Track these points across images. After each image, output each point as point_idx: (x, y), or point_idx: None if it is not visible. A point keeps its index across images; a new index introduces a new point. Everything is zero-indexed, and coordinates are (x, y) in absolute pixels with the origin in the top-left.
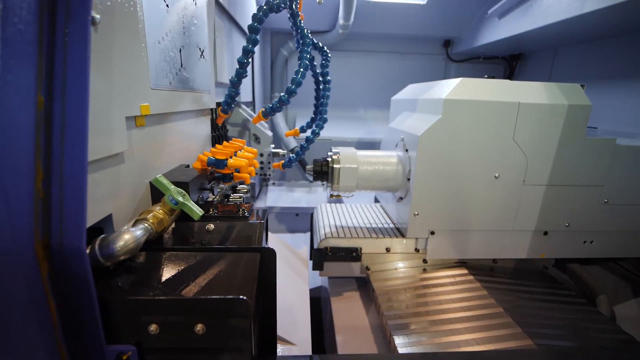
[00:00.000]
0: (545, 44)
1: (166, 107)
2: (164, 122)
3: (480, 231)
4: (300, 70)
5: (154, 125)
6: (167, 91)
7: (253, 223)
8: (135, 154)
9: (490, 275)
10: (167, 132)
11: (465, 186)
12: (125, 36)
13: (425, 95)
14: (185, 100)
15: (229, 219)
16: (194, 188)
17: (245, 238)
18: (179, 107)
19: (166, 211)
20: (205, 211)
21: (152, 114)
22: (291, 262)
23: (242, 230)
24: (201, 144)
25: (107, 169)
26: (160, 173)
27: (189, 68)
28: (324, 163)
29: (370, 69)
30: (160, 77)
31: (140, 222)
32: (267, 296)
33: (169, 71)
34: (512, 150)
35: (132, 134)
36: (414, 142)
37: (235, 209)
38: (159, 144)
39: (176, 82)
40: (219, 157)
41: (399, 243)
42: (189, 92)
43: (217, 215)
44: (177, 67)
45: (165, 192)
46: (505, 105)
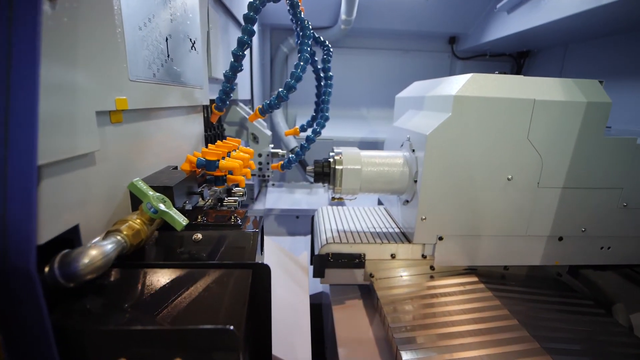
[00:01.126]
0: (555, 39)
1: (150, 102)
2: (148, 119)
3: (492, 237)
4: (300, 64)
5: (135, 122)
6: (150, 84)
7: (246, 232)
8: (110, 155)
9: (501, 283)
10: (152, 129)
11: (476, 189)
12: (94, 18)
13: (433, 92)
14: (173, 95)
15: (220, 228)
16: (180, 192)
17: (237, 250)
18: (166, 102)
19: (144, 221)
20: (193, 218)
21: (132, 109)
22: (290, 270)
23: (234, 240)
24: (193, 143)
25: (72, 173)
26: (143, 175)
27: (177, 60)
28: (325, 164)
29: (372, 67)
30: (141, 68)
31: (112, 234)
32: (261, 318)
33: (152, 62)
34: (526, 151)
35: (106, 132)
36: (421, 142)
37: (228, 216)
38: (141, 143)
39: (162, 74)
40: (209, 157)
41: (405, 249)
42: (177, 86)
43: (207, 223)
44: (163, 58)
45: (143, 199)
46: (519, 102)
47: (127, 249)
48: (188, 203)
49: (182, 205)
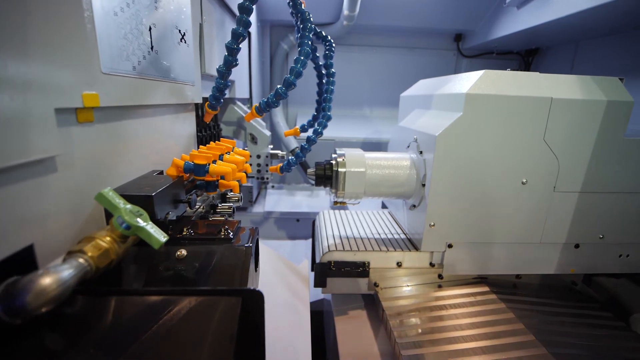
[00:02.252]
0: (566, 36)
1: (130, 98)
2: (129, 117)
3: (504, 244)
4: (301, 59)
5: (112, 122)
6: (130, 78)
7: (238, 248)
8: (77, 160)
9: (513, 293)
10: (133, 130)
11: (488, 193)
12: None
13: (441, 91)
14: (159, 91)
15: (208, 242)
16: (163, 201)
17: (226, 269)
18: (150, 99)
19: (116, 238)
20: (178, 231)
21: (106, 107)
22: (289, 282)
23: (223, 257)
24: (183, 144)
25: (25, 182)
26: (122, 182)
27: (163, 53)
28: (327, 166)
29: (375, 65)
30: (118, 59)
31: (73, 255)
32: (252, 356)
33: (131, 53)
34: (542, 152)
35: (71, 133)
36: (430, 143)
37: (218, 227)
38: (120, 145)
39: (145, 67)
40: (198, 161)
41: (412, 257)
42: (164, 81)
43: (193, 237)
44: (146, 50)
45: (114, 213)
46: (536, 101)
47: (92, 272)
48: (172, 213)
49: (164, 217)
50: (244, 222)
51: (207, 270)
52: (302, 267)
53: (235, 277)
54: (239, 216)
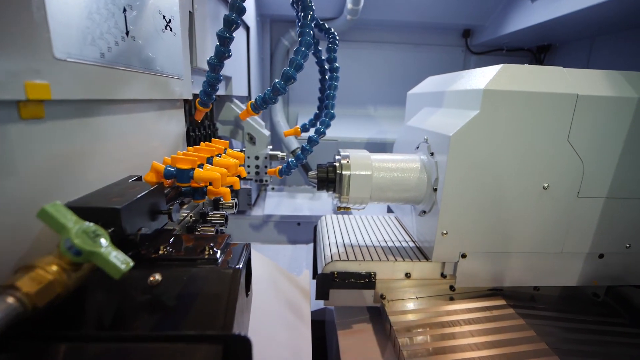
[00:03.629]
0: (582, 31)
1: (97, 91)
2: (97, 114)
3: (523, 254)
4: (302, 50)
5: (73, 118)
6: (96, 67)
7: (224, 272)
8: (21, 166)
9: (532, 307)
10: (104, 129)
11: (506, 199)
12: None
13: (454, 87)
14: (138, 84)
15: (189, 264)
16: (135, 215)
17: (208, 300)
18: (125, 93)
19: (65, 266)
20: (154, 249)
21: (63, 100)
22: (289, 297)
23: (206, 284)
24: (170, 145)
25: None
26: (90, 191)
27: (142, 40)
28: (330, 169)
29: (380, 62)
30: (79, 43)
31: (1, 293)
32: None
33: (99, 37)
34: (566, 155)
35: (10, 132)
36: (442, 144)
37: (203, 245)
38: (86, 147)
39: (117, 55)
40: (181, 166)
41: (422, 267)
42: (144, 73)
43: (171, 257)
44: (118, 35)
45: (60, 234)
46: (560, 98)
47: (29, 312)
48: (146, 228)
49: (135, 233)
50: (243, 226)
51: (185, 301)
52: (302, 279)
53: (219, 311)
54: (237, 220)
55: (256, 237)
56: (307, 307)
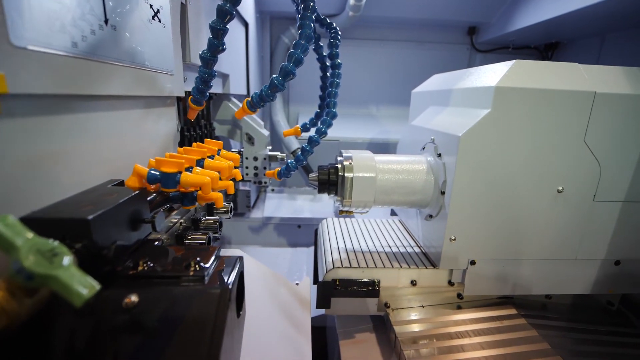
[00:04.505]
0: (592, 28)
1: (69, 85)
2: (69, 111)
3: (535, 260)
4: (301, 43)
5: (38, 116)
6: (68, 57)
7: (211, 292)
8: None
9: (544, 316)
10: (80, 128)
11: (519, 202)
12: None
13: (463, 84)
14: (119, 78)
15: (171, 282)
16: (109, 225)
17: (191, 328)
18: (105, 88)
19: (15, 291)
20: (132, 264)
21: (23, 94)
22: (287, 308)
23: (188, 308)
24: (160, 147)
25: None
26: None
27: (125, 29)
28: (331, 170)
29: (383, 60)
30: (44, 29)
31: None
32: None
33: (70, 23)
34: (582, 156)
35: None
36: (451, 145)
37: (189, 259)
38: (58, 148)
39: (94, 45)
40: (166, 169)
41: (428, 275)
42: (128, 67)
43: (151, 274)
44: (95, 22)
45: (9, 253)
46: (576, 95)
47: None
48: (122, 240)
49: (109, 247)
50: (242, 229)
51: (165, 327)
52: (302, 286)
53: (203, 339)
54: (235, 222)
55: (255, 240)
56: (307, 318)
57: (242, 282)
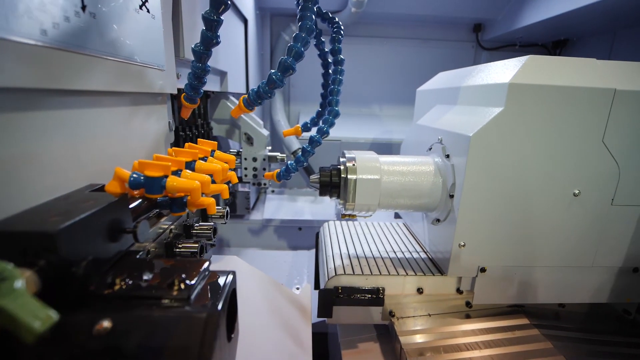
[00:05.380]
0: (602, 24)
1: (38, 78)
2: (40, 108)
3: (549, 268)
4: (302, 36)
5: (2, 112)
6: (36, 47)
7: (196, 317)
8: None
9: (558, 327)
10: (53, 126)
11: (532, 206)
12: None
13: (472, 82)
14: (101, 72)
15: (151, 304)
16: (83, 238)
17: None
18: (81, 82)
19: None
20: (109, 282)
21: None
22: (286, 319)
23: (170, 335)
24: (149, 148)
25: None
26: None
27: (106, 18)
28: (334, 172)
29: (385, 58)
30: (5, 13)
31: None
32: None
33: (38, 8)
34: (600, 157)
35: None
36: (460, 145)
37: (172, 277)
38: (29, 149)
39: (69, 34)
40: (150, 172)
41: (436, 282)
42: (110, 59)
43: (128, 294)
44: (70, 8)
45: None
46: (595, 93)
47: None
48: (92, 257)
49: (80, 263)
50: (241, 231)
51: (143, 358)
52: (303, 294)
53: None
54: (234, 225)
55: (255, 242)
56: (307, 330)
57: (235, 300)
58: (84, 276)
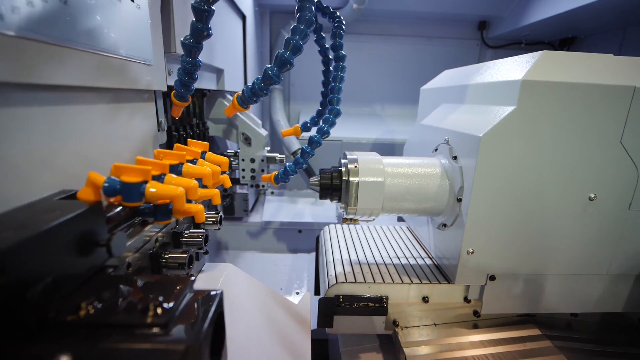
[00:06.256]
0: (611, 21)
1: None
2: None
3: (562, 275)
4: (300, 28)
5: None
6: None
7: (173, 351)
8: None
9: (571, 338)
10: (16, 125)
11: (545, 211)
12: None
13: (481, 79)
14: (74, 65)
15: (121, 333)
16: (42, 256)
17: None
18: (50, 77)
19: None
20: (73, 306)
21: None
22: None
23: None
24: (133, 149)
25: None
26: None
27: (83, 5)
28: (334, 174)
29: (388, 56)
30: None
31: None
32: None
33: None
34: (618, 159)
35: None
36: (469, 146)
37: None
38: None
39: (31, 20)
40: (127, 178)
41: (442, 290)
42: (87, 51)
43: (95, 322)
44: None
45: None
46: (613, 90)
47: None
48: (53, 277)
49: (36, 285)
50: (239, 233)
51: None
52: (302, 304)
53: None
54: (232, 227)
55: (254, 245)
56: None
57: (222, 322)
58: (43, 300)
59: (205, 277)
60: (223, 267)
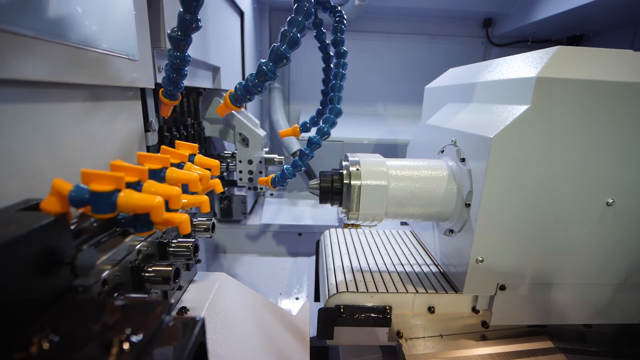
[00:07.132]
0: (622, 17)
1: None
2: None
3: (576, 285)
4: (298, 20)
5: None
6: None
7: None
8: None
9: (584, 351)
10: None
11: (560, 217)
12: None
13: (490, 77)
14: (41, 58)
15: None
16: None
17: None
18: (9, 71)
19: None
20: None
21: None
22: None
23: None
24: (116, 152)
25: None
26: None
27: None
28: (335, 177)
29: (390, 55)
30: None
31: None
32: None
33: None
34: (638, 162)
35: None
36: (479, 148)
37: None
38: None
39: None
40: (97, 186)
41: (449, 300)
42: (56, 43)
43: (51, 352)
44: None
45: None
46: (634, 88)
47: None
48: None
49: None
50: (238, 236)
51: None
52: (300, 315)
53: None
54: (231, 230)
55: (253, 248)
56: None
57: (204, 355)
58: None
59: (196, 287)
60: (216, 276)
